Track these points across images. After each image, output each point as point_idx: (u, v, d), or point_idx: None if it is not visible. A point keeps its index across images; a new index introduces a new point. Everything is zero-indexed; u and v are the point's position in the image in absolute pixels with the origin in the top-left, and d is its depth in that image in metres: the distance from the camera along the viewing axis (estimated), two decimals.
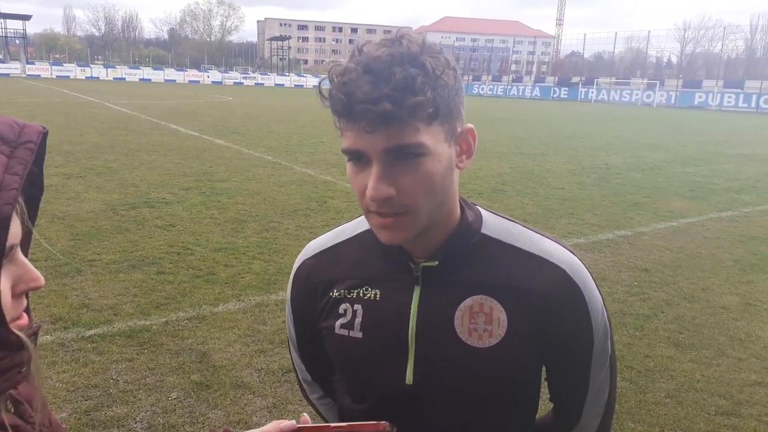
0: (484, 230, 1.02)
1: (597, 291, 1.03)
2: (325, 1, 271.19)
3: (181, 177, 9.57)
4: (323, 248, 1.13)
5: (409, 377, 1.00)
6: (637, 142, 18.50)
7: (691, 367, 3.89)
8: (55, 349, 3.75)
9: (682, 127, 25.82)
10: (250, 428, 3.28)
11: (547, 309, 0.98)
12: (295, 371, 1.30)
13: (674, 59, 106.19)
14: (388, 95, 0.82)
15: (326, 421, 1.27)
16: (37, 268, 0.73)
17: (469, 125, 0.95)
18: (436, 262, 0.99)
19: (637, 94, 54.36)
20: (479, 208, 1.05)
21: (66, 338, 3.90)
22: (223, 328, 4.16)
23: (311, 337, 1.14)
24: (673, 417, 3.33)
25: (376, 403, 1.06)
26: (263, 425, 0.92)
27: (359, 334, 1.03)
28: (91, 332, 4.00)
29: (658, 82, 55.89)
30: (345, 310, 1.05)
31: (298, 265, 1.16)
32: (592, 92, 56.60)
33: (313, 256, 1.14)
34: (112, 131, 15.38)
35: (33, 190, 0.72)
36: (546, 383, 1.12)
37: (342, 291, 1.06)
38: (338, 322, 1.05)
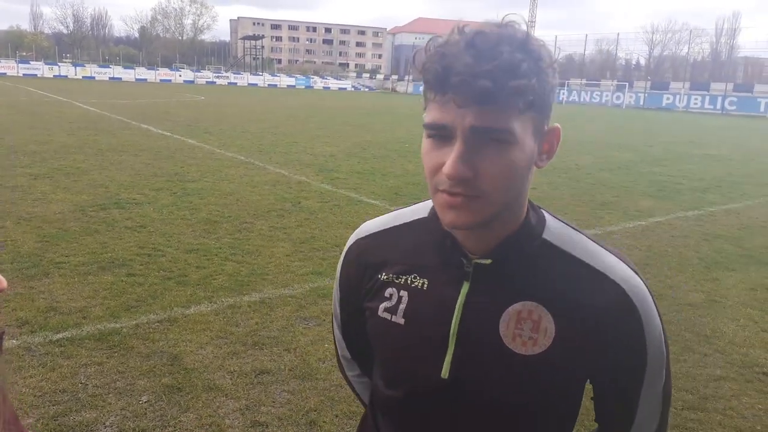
0: (545, 235, 0.99)
1: (657, 315, 0.97)
2: (298, 1, 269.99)
3: (152, 177, 9.44)
4: (377, 230, 1.11)
5: (445, 371, 0.98)
6: (607, 142, 18.82)
7: None
8: (21, 353, 3.67)
9: (650, 128, 26.34)
10: (222, 431, 3.25)
11: (599, 327, 0.94)
12: (336, 347, 1.30)
13: (643, 61, 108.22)
14: (490, 72, 0.79)
15: (360, 398, 1.29)
16: (2, 270, 0.70)
17: (556, 125, 0.94)
18: (490, 261, 0.95)
19: (607, 96, 55.26)
20: (544, 212, 1.02)
21: (33, 342, 3.82)
22: (195, 330, 4.12)
23: (355, 315, 1.13)
24: None
25: (410, 392, 1.04)
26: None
27: (401, 320, 1.02)
28: (59, 336, 3.93)
29: (627, 83, 56.82)
30: (391, 295, 1.04)
31: (351, 243, 1.14)
32: (564, 93, 57.33)
33: (366, 236, 1.12)
34: (80, 131, 15.09)
35: None
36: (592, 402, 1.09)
37: (390, 275, 1.04)
38: (382, 305, 1.04)
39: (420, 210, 1.07)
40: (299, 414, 3.21)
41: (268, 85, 69.31)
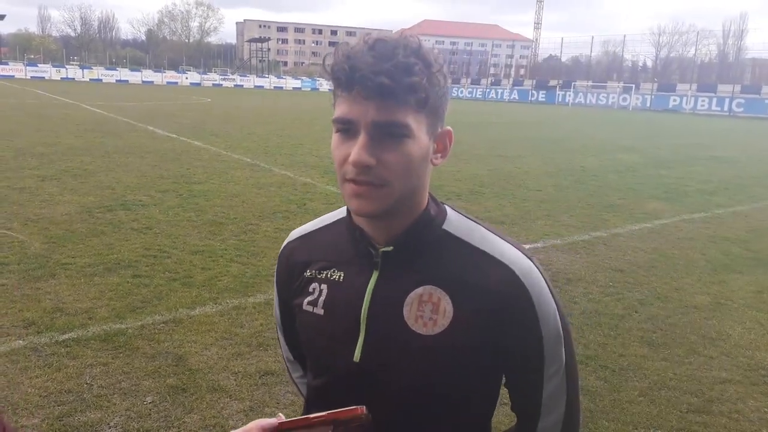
0: (445, 226, 1.07)
1: (550, 296, 1.05)
2: (304, 4, 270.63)
3: (158, 179, 9.48)
4: (305, 233, 1.23)
5: (357, 355, 1.06)
6: (613, 144, 18.77)
7: (664, 366, 3.96)
8: (27, 354, 3.69)
9: (657, 130, 26.24)
10: None
11: (493, 307, 1.02)
12: (281, 351, 1.39)
13: (649, 63, 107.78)
14: (388, 71, 0.90)
15: (305, 399, 1.33)
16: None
17: (448, 128, 1.03)
18: (392, 248, 1.05)
19: (613, 98, 55.06)
20: (446, 207, 1.10)
21: (39, 343, 3.84)
22: (200, 331, 4.13)
23: (290, 315, 1.21)
24: (646, 415, 3.38)
25: (330, 379, 1.13)
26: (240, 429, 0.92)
27: (321, 311, 1.11)
28: (65, 336, 3.95)
29: (633, 85, 56.53)
30: (314, 289, 1.13)
31: (282, 247, 1.26)
32: (570, 95, 57.20)
33: (295, 239, 1.24)
34: (87, 133, 15.18)
35: None
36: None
37: (313, 271, 1.14)
38: (306, 300, 1.13)
39: (341, 212, 1.18)
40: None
41: (274, 87, 69.43)
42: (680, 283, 5.64)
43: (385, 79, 0.90)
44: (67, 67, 64.79)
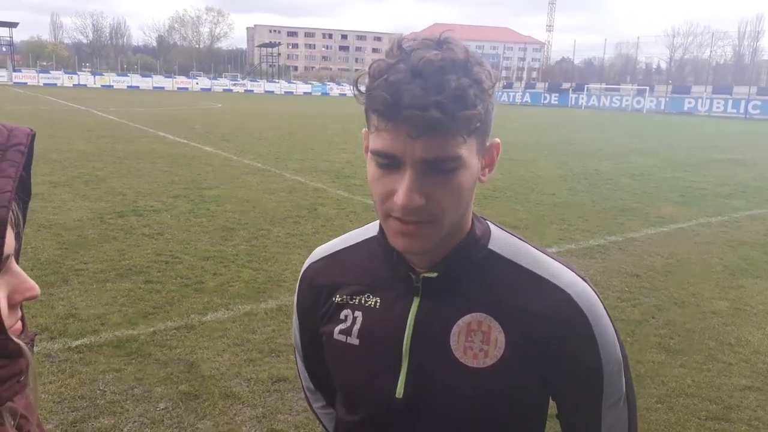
0: (491, 246, 0.98)
1: (609, 321, 0.96)
2: (315, 8, 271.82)
3: (170, 185, 9.51)
4: (329, 252, 1.11)
5: (399, 390, 0.96)
6: (628, 147, 18.62)
7: (682, 372, 3.89)
8: (41, 360, 3.69)
9: (672, 133, 26.03)
10: None
11: (549, 335, 0.93)
12: (300, 379, 1.29)
13: (663, 65, 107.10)
14: (440, 103, 0.78)
15: (327, 431, 1.27)
16: None
17: (497, 139, 0.93)
18: (436, 274, 0.95)
19: (627, 100, 54.77)
20: (489, 223, 1.01)
21: (52, 349, 3.85)
22: (212, 337, 4.12)
23: (315, 344, 1.11)
24: (665, 422, 3.32)
25: (367, 415, 1.03)
26: None
27: (356, 341, 1.00)
28: (78, 342, 3.95)
29: (647, 87, 56.21)
30: (346, 316, 1.02)
31: (305, 268, 1.14)
32: (583, 98, 56.95)
33: (319, 259, 1.12)
34: (99, 139, 15.28)
35: (22, 195, 0.70)
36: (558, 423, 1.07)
37: (344, 297, 1.03)
38: (337, 328, 1.03)
39: (369, 230, 1.08)
40: (316, 422, 3.18)
41: (285, 92, 69.70)
42: (698, 288, 5.56)
43: (436, 113, 0.77)
44: (78, 73, 65.50)
